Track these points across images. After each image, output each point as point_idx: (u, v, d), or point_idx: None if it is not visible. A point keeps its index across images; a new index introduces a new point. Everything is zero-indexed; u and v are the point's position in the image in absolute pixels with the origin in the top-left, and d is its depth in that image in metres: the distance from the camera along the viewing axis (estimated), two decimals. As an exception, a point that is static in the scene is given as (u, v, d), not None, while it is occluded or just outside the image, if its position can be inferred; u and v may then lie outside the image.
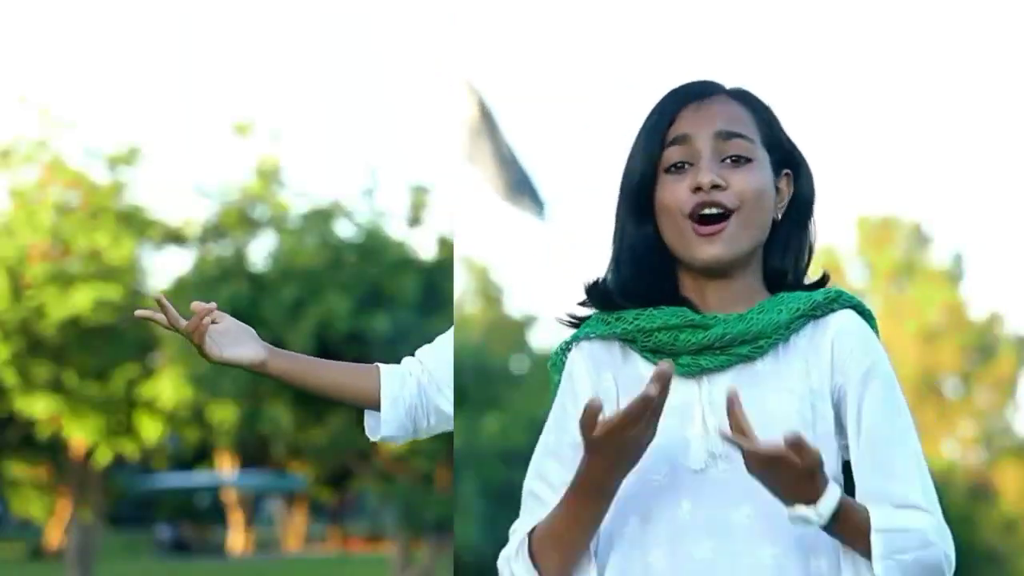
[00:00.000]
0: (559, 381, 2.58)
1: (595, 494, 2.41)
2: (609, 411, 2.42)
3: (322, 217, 20.73)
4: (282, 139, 21.67)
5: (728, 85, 2.57)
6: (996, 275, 64.58)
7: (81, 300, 21.17)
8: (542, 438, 2.56)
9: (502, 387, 27.98)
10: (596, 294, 2.55)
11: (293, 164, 23.12)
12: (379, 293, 19.91)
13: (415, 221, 21.09)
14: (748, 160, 2.48)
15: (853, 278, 48.47)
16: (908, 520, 2.38)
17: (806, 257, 2.57)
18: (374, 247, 20.29)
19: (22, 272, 21.62)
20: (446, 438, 21.87)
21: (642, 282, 2.51)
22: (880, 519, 2.37)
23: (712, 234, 2.46)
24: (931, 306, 47.15)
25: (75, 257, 21.80)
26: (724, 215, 2.46)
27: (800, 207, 2.56)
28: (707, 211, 2.46)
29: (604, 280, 2.55)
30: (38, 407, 22.04)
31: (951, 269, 48.46)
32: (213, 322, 2.89)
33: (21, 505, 34.24)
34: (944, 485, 39.11)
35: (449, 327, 3.08)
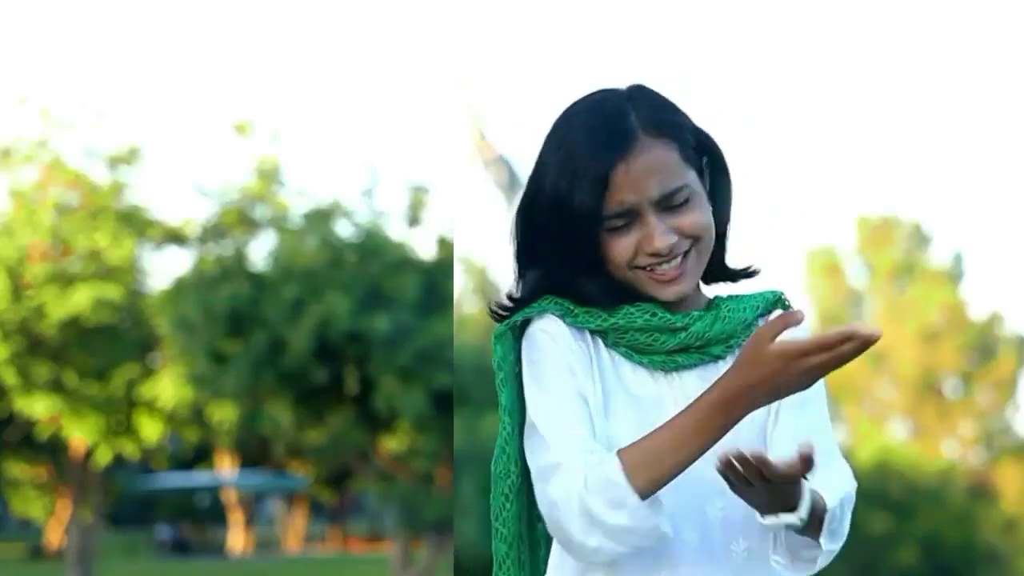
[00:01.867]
0: (507, 358, 2.51)
1: (728, 415, 2.34)
2: (588, 386, 2.44)
3: (322, 217, 20.72)
4: (282, 139, 21.66)
5: (622, 85, 2.56)
6: (996, 275, 64.58)
7: (81, 300, 21.18)
8: (541, 400, 2.45)
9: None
10: (551, 292, 2.53)
11: (293, 164, 23.11)
12: (379, 293, 19.90)
13: (414, 221, 21.08)
14: (687, 201, 2.50)
15: (853, 278, 48.50)
16: (841, 484, 2.45)
17: (727, 235, 2.61)
18: (374, 247, 20.27)
19: (22, 272, 21.62)
20: (446, 438, 21.78)
21: (591, 292, 2.53)
22: (830, 497, 2.41)
23: (674, 277, 2.50)
24: (931, 306, 47.13)
25: (75, 257, 21.80)
26: (683, 259, 2.50)
27: (718, 194, 2.58)
28: (665, 267, 2.49)
29: (556, 283, 2.53)
30: (38, 407, 22.05)
31: (951, 269, 48.44)
32: None
33: (21, 505, 34.25)
34: (944, 485, 39.09)
35: (453, 330, 3.01)
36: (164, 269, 22.70)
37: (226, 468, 47.48)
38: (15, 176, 22.22)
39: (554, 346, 2.48)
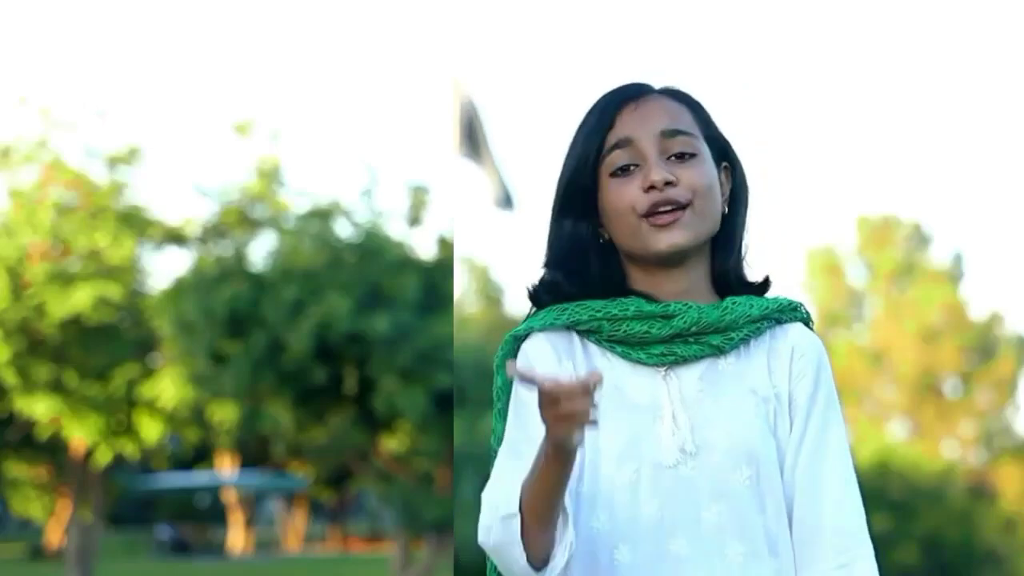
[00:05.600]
0: (505, 379, 2.55)
1: (552, 456, 2.31)
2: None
3: (322, 217, 20.71)
4: (282, 139, 21.64)
5: (658, 85, 2.58)
6: (996, 275, 64.58)
7: (81, 300, 21.16)
8: (505, 435, 2.52)
9: (502, 387, 27.94)
10: (548, 293, 2.54)
11: (293, 164, 23.09)
12: (379, 293, 19.89)
13: (415, 221, 21.06)
14: (693, 155, 2.51)
15: (853, 278, 48.49)
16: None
17: (744, 252, 2.59)
18: (374, 247, 20.25)
19: (22, 272, 21.61)
20: (446, 438, 21.74)
21: (590, 279, 2.52)
22: None
23: (668, 223, 2.47)
24: (931, 306, 47.15)
25: (75, 257, 21.79)
26: (678, 208, 2.48)
27: (738, 201, 2.59)
28: (662, 209, 2.48)
29: (550, 281, 2.54)
30: (39, 408, 22.03)
31: (951, 269, 48.47)
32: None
33: (21, 505, 34.24)
34: (944, 485, 39.11)
35: (451, 334, 2.95)
36: (164, 269, 22.68)
37: (226, 468, 47.48)
38: (15, 176, 22.21)
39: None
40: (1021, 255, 59.14)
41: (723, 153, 2.57)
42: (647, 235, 2.48)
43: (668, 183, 2.47)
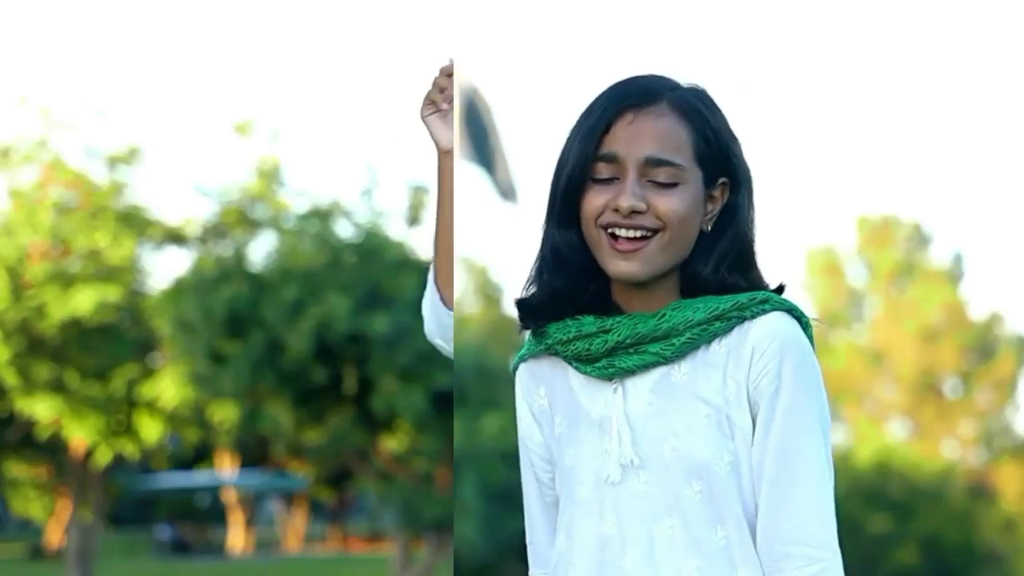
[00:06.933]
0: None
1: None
2: (546, 422, 2.55)
3: (322, 217, 20.72)
4: (282, 139, 21.65)
5: (681, 80, 2.51)
6: (996, 275, 64.58)
7: (81, 300, 21.17)
8: (523, 484, 2.64)
9: (502, 387, 27.95)
10: (523, 308, 2.54)
11: (293, 164, 23.10)
12: (379, 293, 19.89)
13: (414, 221, 21.07)
14: (674, 184, 2.44)
15: (853, 278, 48.50)
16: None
17: (731, 266, 2.49)
18: (374, 247, 20.25)
19: (22, 272, 21.62)
20: (446, 438, 21.69)
21: (570, 284, 2.49)
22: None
23: (629, 251, 2.43)
24: (931, 306, 47.16)
25: (75, 257, 21.80)
26: (645, 236, 2.43)
27: (732, 215, 2.50)
28: (623, 233, 2.43)
29: (530, 291, 2.54)
30: (39, 408, 22.04)
31: (951, 269, 48.48)
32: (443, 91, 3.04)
33: (21, 505, 34.27)
34: (944, 485, 39.09)
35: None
36: (164, 269, 22.67)
37: (226, 468, 47.50)
38: (15, 176, 22.22)
39: (519, 413, 2.61)
40: (1021, 255, 59.12)
41: (724, 169, 2.49)
42: (606, 254, 2.44)
43: (635, 211, 2.42)
